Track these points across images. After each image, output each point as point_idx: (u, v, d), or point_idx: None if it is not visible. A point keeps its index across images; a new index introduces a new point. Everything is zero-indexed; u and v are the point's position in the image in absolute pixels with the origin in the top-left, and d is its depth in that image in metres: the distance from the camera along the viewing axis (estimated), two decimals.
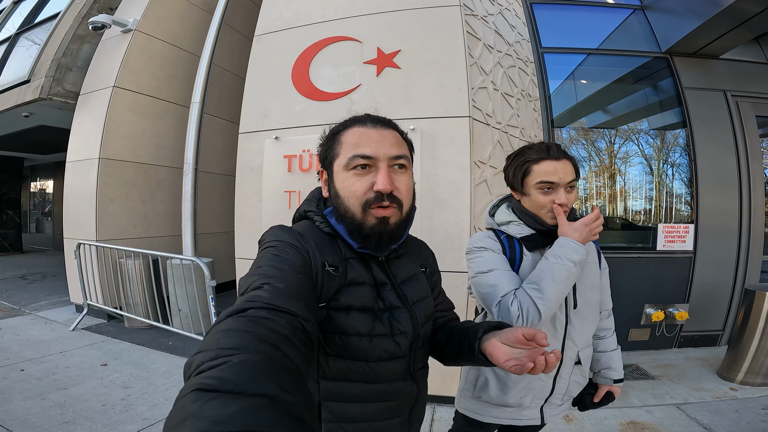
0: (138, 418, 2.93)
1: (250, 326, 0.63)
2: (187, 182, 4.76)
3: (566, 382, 1.53)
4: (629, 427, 2.88)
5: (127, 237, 5.45)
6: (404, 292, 1.06)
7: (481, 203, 3.35)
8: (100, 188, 5.19)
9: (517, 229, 1.47)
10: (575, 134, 4.98)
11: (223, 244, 6.53)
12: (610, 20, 4.99)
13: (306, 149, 3.59)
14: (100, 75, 5.51)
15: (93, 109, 5.37)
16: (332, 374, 0.98)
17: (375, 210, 0.95)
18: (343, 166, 0.97)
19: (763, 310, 3.52)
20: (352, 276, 0.97)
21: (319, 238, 0.98)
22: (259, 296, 0.73)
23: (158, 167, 5.85)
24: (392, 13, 3.53)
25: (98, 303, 5.07)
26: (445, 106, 3.30)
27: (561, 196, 1.39)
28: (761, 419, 2.95)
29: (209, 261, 4.39)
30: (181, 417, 0.44)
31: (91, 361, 3.91)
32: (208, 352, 0.55)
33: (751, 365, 3.55)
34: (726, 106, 4.59)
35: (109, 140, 5.23)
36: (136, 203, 5.63)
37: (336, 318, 0.94)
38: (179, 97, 5.93)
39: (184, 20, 6.04)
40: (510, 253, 1.46)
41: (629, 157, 4.97)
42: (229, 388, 0.48)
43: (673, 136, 4.81)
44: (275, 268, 0.83)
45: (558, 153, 1.41)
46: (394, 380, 1.04)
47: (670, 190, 4.82)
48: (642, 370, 3.89)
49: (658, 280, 4.38)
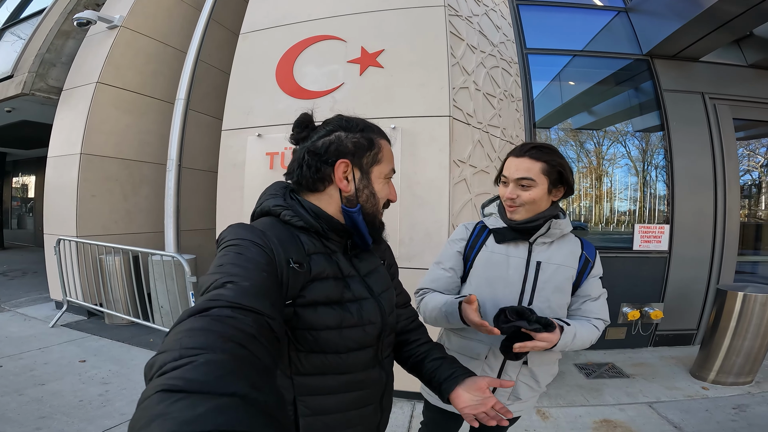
0: (116, 413, 2.92)
1: (214, 325, 0.61)
2: (171, 178, 4.74)
3: (512, 381, 1.51)
4: (602, 425, 2.94)
5: (109, 233, 5.40)
6: (369, 284, 1.10)
7: (460, 201, 3.39)
8: (81, 184, 5.15)
9: (492, 221, 1.56)
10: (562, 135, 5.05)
11: (206, 241, 6.49)
12: (596, 22, 5.05)
13: (288, 147, 3.60)
14: (83, 71, 5.46)
15: (75, 104, 5.32)
16: (306, 369, 0.99)
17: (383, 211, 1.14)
18: (384, 174, 1.10)
19: (735, 310, 3.57)
20: (317, 271, 0.98)
21: (281, 235, 0.95)
22: (222, 295, 0.70)
23: (141, 163, 5.81)
24: (377, 12, 3.56)
25: (78, 299, 5.02)
26: (426, 105, 3.33)
27: (508, 190, 1.48)
28: (731, 419, 3.01)
29: (191, 258, 4.38)
30: (148, 419, 0.43)
31: (70, 357, 3.88)
32: (171, 353, 0.53)
33: (722, 365, 3.61)
34: (704, 108, 4.68)
35: (91, 136, 5.19)
36: (118, 199, 5.58)
37: (303, 314, 0.95)
38: (164, 94, 5.89)
39: (171, 16, 6.00)
40: (473, 239, 1.60)
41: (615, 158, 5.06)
42: (196, 388, 0.46)
43: (653, 138, 4.89)
44: (239, 266, 0.81)
45: (522, 151, 1.47)
46: (365, 369, 1.07)
47: (649, 191, 4.91)
48: (617, 368, 3.96)
49: (634, 280, 4.46)
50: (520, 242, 1.51)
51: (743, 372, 3.57)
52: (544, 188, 1.44)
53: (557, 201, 1.53)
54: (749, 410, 3.13)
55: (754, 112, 4.84)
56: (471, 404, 1.09)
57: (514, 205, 1.47)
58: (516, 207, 1.47)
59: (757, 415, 3.04)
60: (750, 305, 3.52)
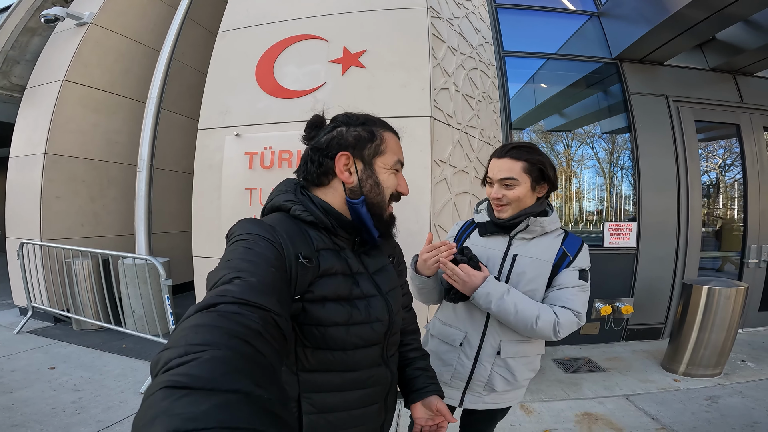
0: (91, 420, 2.82)
1: (221, 322, 0.61)
2: (142, 179, 4.59)
3: (487, 371, 1.57)
4: (584, 418, 3.02)
5: (75, 236, 5.20)
6: (378, 282, 1.11)
7: (441, 201, 3.43)
8: (45, 185, 4.94)
9: (480, 216, 1.67)
10: (535, 137, 5.18)
11: (179, 243, 6.32)
12: (569, 26, 5.18)
13: (268, 146, 3.56)
14: (49, 68, 5.25)
15: (40, 102, 5.10)
16: (311, 366, 1.00)
17: (391, 206, 1.14)
18: (390, 165, 1.10)
19: (700, 304, 3.70)
20: (325, 267, 0.98)
21: (291, 230, 0.96)
22: (229, 291, 0.70)
23: (109, 164, 5.61)
24: (360, 13, 3.55)
25: (44, 305, 4.82)
26: (407, 105, 3.35)
27: (493, 191, 1.55)
28: (704, 410, 3.13)
29: (165, 260, 4.26)
30: (152, 415, 0.43)
31: (38, 364, 3.72)
32: (176, 349, 0.53)
33: (691, 357, 3.74)
34: (668, 110, 4.88)
35: (56, 135, 4.98)
36: (85, 201, 5.38)
37: (312, 310, 0.95)
38: (135, 92, 5.72)
39: (145, 14, 5.84)
40: (459, 234, 1.74)
41: (584, 159, 5.23)
42: (200, 384, 0.46)
43: (620, 140, 5.08)
44: (247, 261, 0.81)
45: (502, 152, 1.56)
46: (370, 367, 1.08)
47: (617, 190, 5.10)
48: (593, 362, 4.08)
49: (605, 276, 4.60)
50: (500, 236, 1.60)
51: (711, 364, 3.72)
52: (527, 186, 1.51)
53: (542, 197, 1.59)
54: (721, 401, 3.27)
55: (715, 115, 5.08)
56: (423, 417, 1.24)
57: (501, 204, 1.54)
58: (503, 206, 1.54)
59: (729, 406, 3.18)
60: (714, 299, 3.66)
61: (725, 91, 5.07)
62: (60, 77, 5.01)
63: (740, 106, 5.08)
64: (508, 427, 2.85)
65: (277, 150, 3.54)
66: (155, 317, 4.30)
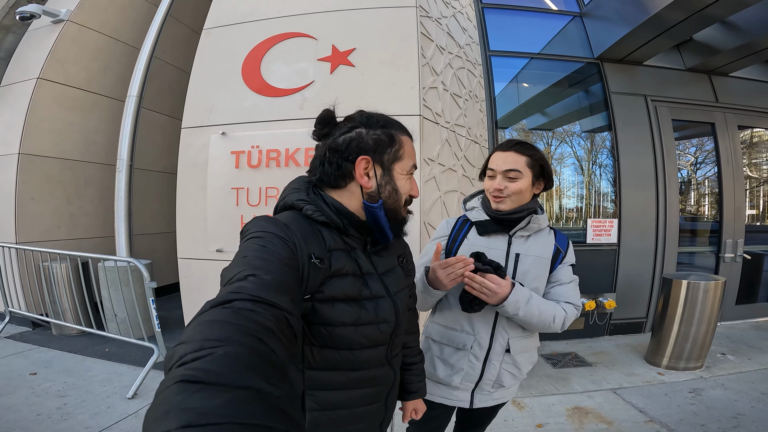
0: (79, 426, 2.74)
1: (235, 318, 0.61)
2: (121, 179, 4.48)
3: (496, 369, 1.60)
4: (575, 412, 3.08)
5: (51, 239, 5.02)
6: (386, 283, 1.11)
7: (430, 199, 3.45)
8: (19, 186, 4.74)
9: (475, 214, 1.65)
10: (517, 135, 5.23)
11: (162, 244, 6.19)
12: (553, 26, 5.26)
13: (255, 145, 3.52)
14: (23, 66, 5.06)
15: (13, 101, 4.91)
16: (317, 364, 1.00)
17: (406, 207, 1.14)
18: (407, 170, 1.10)
19: (680, 297, 3.80)
20: (336, 267, 0.98)
21: (304, 230, 0.96)
22: (244, 287, 0.71)
23: (86, 164, 5.44)
24: (349, 11, 3.54)
25: (21, 310, 4.65)
26: (397, 104, 3.35)
27: (495, 182, 1.55)
28: (689, 402, 3.22)
29: (148, 262, 4.16)
30: (165, 409, 0.43)
31: (19, 370, 3.60)
32: (192, 344, 0.53)
33: (673, 351, 3.83)
34: (646, 110, 5.00)
35: (30, 135, 4.79)
36: (61, 202, 5.20)
37: (321, 309, 0.96)
38: (113, 91, 5.56)
39: (125, 11, 5.67)
40: (455, 233, 1.69)
41: (564, 158, 5.32)
42: (214, 380, 0.47)
43: (600, 138, 5.18)
44: (261, 259, 0.81)
45: (508, 146, 1.58)
46: (375, 366, 1.10)
47: (598, 188, 5.21)
48: (580, 357, 4.16)
49: (589, 271, 4.70)
50: (500, 235, 1.60)
51: (693, 357, 3.81)
52: (529, 180, 1.54)
53: (537, 194, 1.63)
54: (704, 394, 3.36)
55: (691, 114, 5.23)
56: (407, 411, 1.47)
57: (501, 196, 1.54)
58: (503, 198, 1.54)
59: (712, 399, 3.27)
60: (694, 293, 3.76)
61: (701, 91, 5.22)
62: (35, 75, 4.84)
63: (715, 106, 5.25)
64: (501, 423, 2.87)
65: (264, 149, 3.50)
66: (139, 320, 4.18)
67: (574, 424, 2.90)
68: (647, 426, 2.89)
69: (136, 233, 4.92)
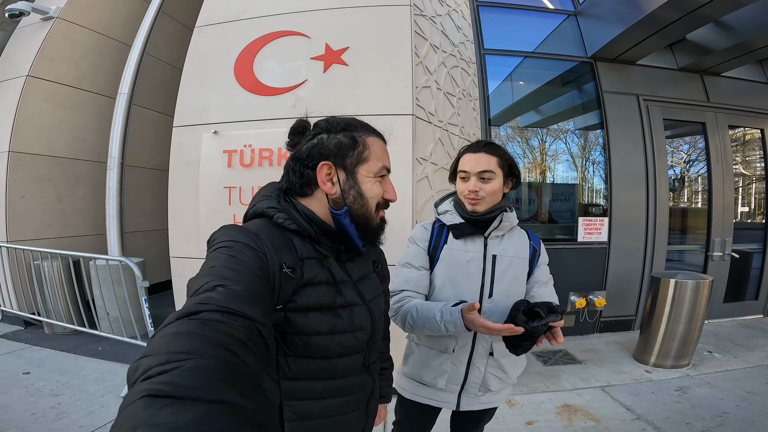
0: (74, 425, 2.75)
1: (204, 330, 0.59)
2: (112, 177, 4.44)
3: (481, 373, 1.60)
4: (564, 409, 3.12)
5: (42, 237, 5.00)
6: (361, 290, 1.10)
7: (423, 198, 3.46)
8: (9, 184, 4.71)
9: (449, 217, 1.63)
10: (511, 132, 5.26)
11: (154, 242, 6.17)
12: (547, 25, 5.26)
13: (248, 144, 3.51)
14: (12, 64, 5.02)
15: (2, 99, 4.87)
16: (293, 374, 0.98)
17: (381, 212, 1.09)
18: (374, 173, 1.05)
19: (668, 296, 3.84)
20: (309, 276, 0.97)
21: (275, 239, 0.94)
22: (212, 298, 0.68)
23: (77, 161, 5.41)
24: (342, 9, 3.52)
25: (13, 309, 4.63)
26: (390, 103, 3.35)
27: (470, 184, 1.55)
28: (675, 400, 3.27)
29: (140, 261, 4.15)
30: (132, 425, 0.41)
31: (12, 369, 3.59)
32: (157, 357, 0.51)
33: (661, 349, 3.89)
34: (638, 109, 5.03)
35: (20, 132, 4.76)
36: (52, 200, 5.17)
37: (294, 319, 0.94)
38: (104, 88, 5.52)
39: (115, 7, 5.63)
40: (435, 240, 1.65)
41: (557, 155, 5.34)
42: (183, 393, 0.44)
43: (593, 136, 5.21)
44: (231, 269, 0.78)
45: (478, 147, 1.58)
46: (352, 374, 1.09)
47: (590, 186, 5.24)
48: (570, 355, 4.20)
49: (580, 269, 4.75)
50: (476, 237, 1.60)
51: (680, 355, 3.87)
52: (501, 180, 1.57)
53: (506, 193, 1.64)
54: (690, 392, 3.41)
55: (682, 113, 5.27)
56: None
57: (476, 198, 1.55)
58: (478, 200, 1.55)
59: (698, 397, 3.33)
60: (681, 291, 3.81)
61: (692, 91, 5.26)
62: (24, 73, 4.81)
63: (706, 105, 5.29)
64: (492, 421, 2.86)
65: (257, 148, 3.49)
66: (132, 319, 4.19)
67: (564, 422, 2.94)
68: (634, 424, 2.93)
69: (127, 231, 4.90)
